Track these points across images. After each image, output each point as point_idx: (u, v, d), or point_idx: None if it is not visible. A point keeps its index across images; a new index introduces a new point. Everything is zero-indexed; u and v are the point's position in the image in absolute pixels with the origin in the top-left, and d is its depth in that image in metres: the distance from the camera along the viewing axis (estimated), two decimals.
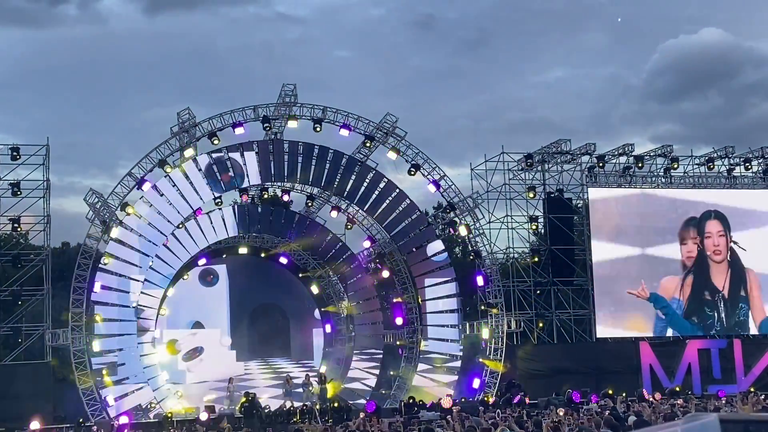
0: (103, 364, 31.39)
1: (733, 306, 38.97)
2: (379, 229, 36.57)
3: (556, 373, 35.42)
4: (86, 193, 31.94)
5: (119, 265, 32.00)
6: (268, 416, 30.82)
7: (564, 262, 37.92)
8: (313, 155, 34.45)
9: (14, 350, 33.14)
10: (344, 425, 23.42)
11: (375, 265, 38.25)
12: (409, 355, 36.86)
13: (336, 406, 31.49)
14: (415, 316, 36.89)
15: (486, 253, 35.94)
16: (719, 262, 39.06)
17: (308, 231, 37.40)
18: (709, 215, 39.19)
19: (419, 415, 29.25)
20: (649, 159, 39.30)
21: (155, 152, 31.97)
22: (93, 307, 31.24)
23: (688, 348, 37.65)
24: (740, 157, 40.00)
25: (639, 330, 37.92)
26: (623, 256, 38.00)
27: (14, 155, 32.63)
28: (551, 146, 38.20)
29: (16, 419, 28.89)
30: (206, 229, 35.17)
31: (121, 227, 31.75)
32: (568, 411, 23.82)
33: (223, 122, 32.58)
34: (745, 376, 37.57)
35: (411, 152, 34.75)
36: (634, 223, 38.54)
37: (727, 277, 39.09)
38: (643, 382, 35.73)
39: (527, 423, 17.84)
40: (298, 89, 33.18)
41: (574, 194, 39.23)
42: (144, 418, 31.00)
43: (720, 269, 39.03)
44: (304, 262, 39.43)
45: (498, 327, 35.07)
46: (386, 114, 34.47)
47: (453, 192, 35.44)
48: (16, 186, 32.65)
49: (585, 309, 38.05)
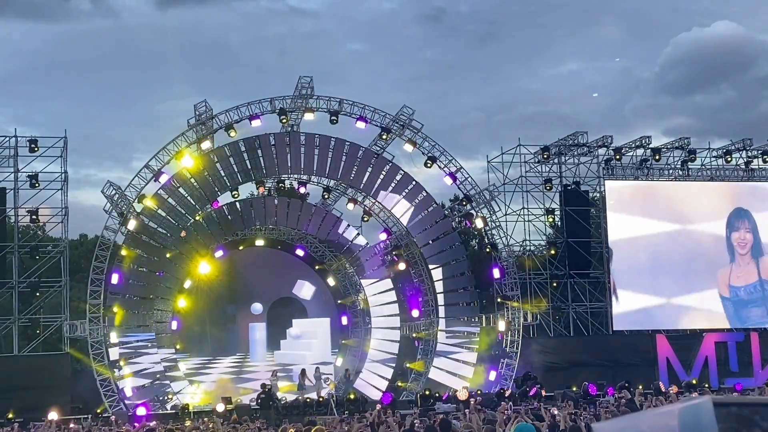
0: (121, 354, 31.57)
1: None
2: (396, 221, 36.57)
3: (572, 366, 35.36)
4: (104, 185, 32.12)
5: (137, 256, 32.16)
6: (285, 407, 30.95)
7: (580, 255, 37.84)
8: (329, 147, 34.49)
9: (32, 341, 33.36)
10: (360, 417, 23.48)
11: (391, 257, 38.27)
12: (426, 348, 36.88)
13: (352, 398, 31.58)
14: (431, 308, 36.89)
15: (502, 246, 35.91)
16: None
17: (325, 223, 37.43)
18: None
19: (435, 407, 29.31)
20: (666, 152, 39.16)
21: (172, 144, 32.09)
22: (110, 298, 31.42)
23: (705, 341, 37.53)
24: (758, 149, 39.80)
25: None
26: (640, 248, 37.87)
27: (33, 147, 32.81)
28: (568, 139, 38.12)
29: (34, 410, 29.08)
30: (223, 221, 35.26)
31: (139, 219, 31.91)
32: (578, 403, 23.84)
33: (240, 115, 32.67)
34: (763, 369, 37.44)
35: (427, 144, 34.74)
36: (652, 217, 38.37)
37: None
38: (660, 375, 35.64)
39: (545, 415, 17.84)
40: (311, 82, 33.24)
41: (591, 187, 39.16)
42: (161, 409, 31.18)
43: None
44: (320, 255, 39.49)
45: (514, 319, 35.06)
46: (403, 106, 34.50)
47: (469, 184, 35.40)
48: (34, 178, 32.84)
49: (602, 301, 37.98)
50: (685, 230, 38.40)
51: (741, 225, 39.44)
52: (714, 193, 39.43)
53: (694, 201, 38.93)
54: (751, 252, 39.38)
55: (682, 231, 38.36)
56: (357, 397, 31.95)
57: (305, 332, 39.73)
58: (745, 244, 39.33)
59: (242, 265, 39.03)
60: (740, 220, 39.47)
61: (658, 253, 37.74)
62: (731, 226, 39.26)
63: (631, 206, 38.12)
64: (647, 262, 37.71)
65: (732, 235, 39.24)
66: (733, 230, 39.27)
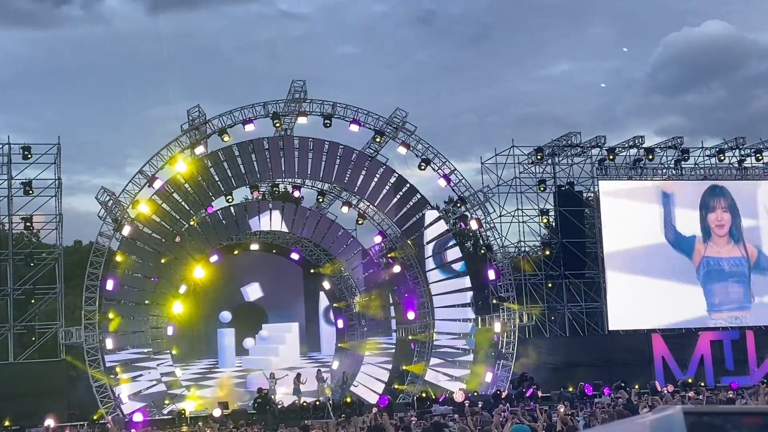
0: (117, 361, 31.52)
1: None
2: (390, 224, 36.57)
3: (568, 366, 35.40)
4: (98, 191, 32.06)
5: (132, 262, 32.11)
6: (281, 412, 30.92)
7: (575, 255, 37.89)
8: (323, 151, 34.47)
9: (28, 349, 33.28)
10: (357, 420, 23.46)
11: (386, 260, 38.26)
12: (422, 350, 36.87)
13: (349, 402, 31.57)
14: (427, 310, 36.89)
15: (497, 247, 35.96)
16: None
17: (319, 227, 37.40)
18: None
19: (432, 409, 29.33)
20: (660, 151, 39.21)
21: (166, 150, 32.06)
22: (106, 304, 31.37)
23: (701, 339, 37.58)
24: (751, 148, 39.88)
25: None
26: (635, 248, 37.87)
27: (26, 154, 32.76)
28: (561, 139, 38.16)
29: (31, 417, 29.05)
30: (217, 226, 35.22)
31: (133, 225, 31.85)
32: (572, 405, 23.86)
33: (234, 119, 32.66)
34: (758, 366, 37.49)
35: (421, 147, 34.75)
36: (645, 215, 38.38)
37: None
38: (656, 375, 35.69)
39: (540, 416, 17.86)
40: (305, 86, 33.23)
41: (585, 187, 39.21)
42: (158, 414, 31.12)
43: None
44: (315, 258, 39.46)
45: (510, 320, 35.09)
46: (396, 109, 34.50)
47: (464, 186, 35.43)
48: (28, 185, 32.78)
49: (597, 302, 38.02)
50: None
51: (717, 204, 39.14)
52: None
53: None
54: (729, 233, 39.14)
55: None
56: (354, 401, 31.92)
57: (272, 337, 39.50)
58: (722, 225, 39.18)
59: (238, 270, 39.02)
60: (715, 199, 39.16)
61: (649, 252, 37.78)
62: (706, 206, 39.05)
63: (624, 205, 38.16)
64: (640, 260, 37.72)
65: (708, 216, 38.99)
66: (708, 211, 39.07)
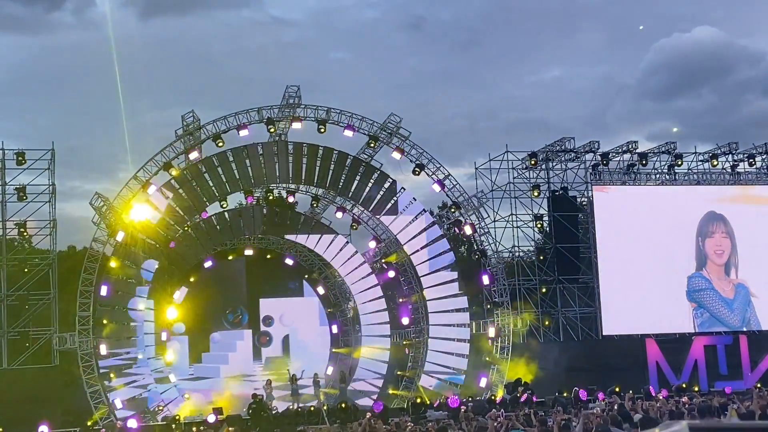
0: (111, 367, 31.47)
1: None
2: (385, 229, 36.58)
3: (562, 371, 35.39)
4: (92, 197, 32.00)
5: (126, 268, 32.06)
6: (276, 417, 30.89)
7: (569, 260, 37.95)
8: (317, 156, 34.47)
9: (22, 354, 33.22)
10: (351, 426, 23.48)
11: (381, 265, 38.30)
12: (416, 355, 36.88)
13: (344, 407, 31.56)
14: (421, 315, 36.91)
15: (491, 252, 35.98)
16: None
17: (313, 232, 37.41)
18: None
19: (427, 414, 29.33)
20: (653, 156, 39.32)
21: (160, 155, 32.03)
22: (100, 310, 31.32)
23: (694, 344, 37.64)
24: (744, 153, 40.01)
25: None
26: (629, 252, 37.91)
27: (20, 160, 32.73)
28: (555, 144, 38.25)
29: (25, 423, 28.91)
30: (211, 232, 35.22)
31: (127, 230, 31.77)
32: (566, 410, 23.88)
33: (228, 124, 32.65)
34: (752, 371, 37.57)
35: (415, 152, 34.77)
36: (639, 220, 38.43)
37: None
38: (650, 379, 35.73)
39: (535, 422, 17.89)
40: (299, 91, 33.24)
41: (579, 192, 39.29)
42: (152, 420, 31.07)
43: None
44: (310, 263, 39.48)
45: (504, 326, 35.12)
46: (390, 114, 34.51)
47: (458, 191, 35.45)
48: (21, 191, 32.75)
49: (591, 306, 38.08)
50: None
51: (716, 229, 39.23)
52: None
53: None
54: (725, 266, 39.18)
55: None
56: (348, 406, 31.90)
57: (223, 344, 39.18)
58: (722, 252, 39.28)
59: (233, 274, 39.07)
60: (714, 223, 39.20)
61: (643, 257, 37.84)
62: (703, 233, 39.09)
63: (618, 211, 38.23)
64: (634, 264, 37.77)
65: (706, 242, 39.04)
66: (706, 237, 39.13)
